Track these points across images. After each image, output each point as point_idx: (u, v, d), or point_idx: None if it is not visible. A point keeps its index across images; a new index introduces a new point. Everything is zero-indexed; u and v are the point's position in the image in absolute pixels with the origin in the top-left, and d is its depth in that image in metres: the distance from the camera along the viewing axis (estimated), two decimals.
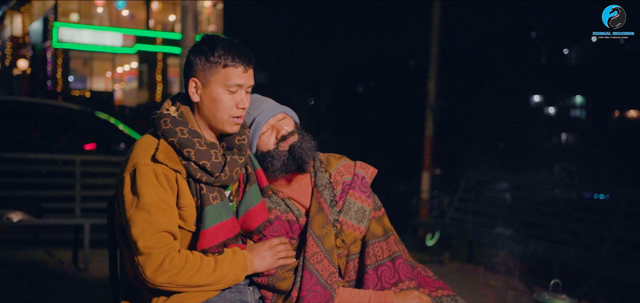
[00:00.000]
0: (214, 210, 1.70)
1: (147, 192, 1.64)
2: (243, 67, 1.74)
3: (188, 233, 1.74)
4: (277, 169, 1.91)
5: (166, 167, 1.67)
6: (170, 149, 1.70)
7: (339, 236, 1.97)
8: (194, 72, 1.74)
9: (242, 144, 1.81)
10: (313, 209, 1.95)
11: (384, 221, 2.07)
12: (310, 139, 1.99)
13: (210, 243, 1.70)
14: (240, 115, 1.78)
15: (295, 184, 2.01)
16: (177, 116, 1.75)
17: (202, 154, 1.69)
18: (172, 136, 1.69)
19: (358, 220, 2.00)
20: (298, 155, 1.90)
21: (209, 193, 1.71)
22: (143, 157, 1.68)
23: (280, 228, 1.93)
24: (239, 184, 1.88)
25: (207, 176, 1.70)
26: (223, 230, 1.72)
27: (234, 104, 1.75)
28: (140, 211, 1.63)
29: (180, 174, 1.70)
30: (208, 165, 1.69)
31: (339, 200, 2.02)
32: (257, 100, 1.99)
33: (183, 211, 1.71)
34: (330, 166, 2.07)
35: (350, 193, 2.02)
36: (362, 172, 2.07)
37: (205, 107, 1.75)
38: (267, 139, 1.94)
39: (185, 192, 1.70)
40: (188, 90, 1.76)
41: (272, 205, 1.95)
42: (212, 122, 1.76)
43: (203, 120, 1.78)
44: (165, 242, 1.64)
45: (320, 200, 1.97)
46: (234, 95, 1.75)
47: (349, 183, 2.04)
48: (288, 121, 1.97)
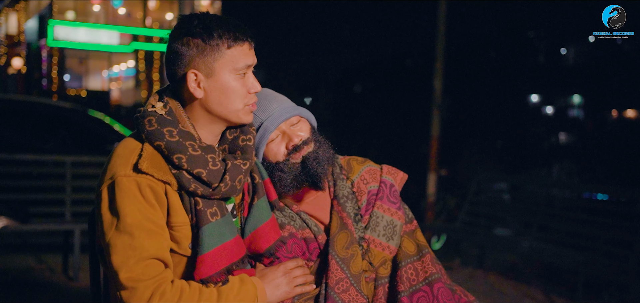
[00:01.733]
0: (213, 229, 1.41)
1: (129, 210, 1.34)
2: (248, 43, 1.46)
3: (182, 258, 1.44)
4: (287, 184, 1.63)
5: (152, 178, 1.37)
6: (157, 156, 1.40)
7: (365, 257, 1.67)
8: (191, 62, 1.42)
9: (247, 145, 1.51)
10: (334, 225, 1.66)
11: (417, 236, 1.77)
12: (329, 147, 1.69)
13: (211, 271, 1.40)
14: (255, 101, 1.51)
15: (310, 197, 1.72)
16: (165, 113, 1.44)
17: (196, 161, 1.39)
18: (158, 139, 1.39)
19: (388, 237, 1.70)
20: (312, 170, 1.61)
21: (207, 209, 1.41)
22: (123, 166, 1.38)
23: (296, 247, 1.64)
24: (243, 195, 1.58)
25: (203, 187, 1.40)
26: (226, 254, 1.42)
27: (247, 90, 1.47)
28: (121, 234, 1.34)
29: (170, 186, 1.40)
30: (204, 174, 1.39)
31: (364, 213, 1.72)
32: (266, 98, 1.68)
33: (175, 232, 1.41)
34: (353, 173, 1.77)
35: (378, 204, 1.72)
36: (390, 178, 1.77)
37: (213, 101, 1.45)
38: (276, 147, 1.65)
39: (177, 208, 1.41)
40: (187, 85, 1.44)
41: (285, 220, 1.66)
42: (227, 116, 1.47)
43: (206, 117, 1.47)
44: (153, 272, 1.34)
45: (343, 214, 1.68)
46: (245, 79, 1.47)
47: (375, 193, 1.74)
48: (303, 126, 1.68)
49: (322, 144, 1.67)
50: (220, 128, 1.51)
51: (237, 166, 1.45)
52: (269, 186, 1.62)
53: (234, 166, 1.44)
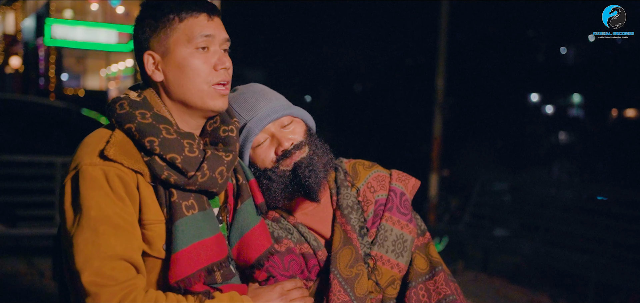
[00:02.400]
0: (189, 224, 1.23)
1: (94, 202, 1.18)
2: (206, 14, 1.31)
3: (156, 262, 1.26)
4: (276, 195, 1.45)
5: (121, 167, 1.21)
6: (128, 142, 1.25)
7: (371, 276, 1.49)
8: (146, 44, 1.31)
9: (230, 137, 1.34)
10: (337, 240, 1.48)
11: (430, 251, 1.59)
12: (326, 152, 1.50)
13: (187, 271, 1.22)
14: (223, 80, 1.32)
15: (309, 207, 1.53)
16: (137, 96, 1.31)
17: (170, 145, 1.23)
18: (129, 121, 1.25)
19: (397, 253, 1.52)
20: (304, 179, 1.42)
21: (182, 201, 1.24)
22: (89, 154, 1.22)
23: (294, 265, 1.46)
24: (227, 197, 1.40)
25: (177, 175, 1.23)
26: (204, 252, 1.25)
27: (211, 66, 1.31)
28: (83, 230, 1.17)
29: (143, 177, 1.24)
30: (178, 160, 1.23)
31: (371, 226, 1.53)
32: (253, 96, 1.50)
33: (148, 231, 1.24)
34: (358, 179, 1.58)
35: (386, 216, 1.53)
36: (400, 186, 1.58)
37: (173, 84, 1.30)
38: (264, 153, 1.47)
39: (150, 203, 1.24)
40: (145, 69, 1.31)
41: (282, 233, 1.48)
42: (190, 101, 1.31)
43: (176, 105, 1.32)
44: (122, 276, 1.17)
45: (347, 228, 1.49)
46: (207, 54, 1.31)
47: (383, 203, 1.55)
48: (296, 127, 1.49)
49: (319, 149, 1.48)
50: (195, 118, 1.35)
51: (218, 157, 1.29)
52: (255, 188, 1.44)
53: (213, 156, 1.28)
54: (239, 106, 1.51)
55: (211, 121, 1.39)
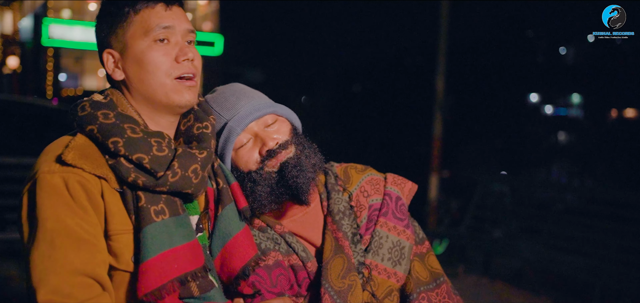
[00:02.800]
0: (158, 230, 1.13)
1: (51, 213, 1.09)
2: (162, 3, 1.23)
3: (124, 276, 1.16)
4: (262, 199, 1.35)
5: (82, 172, 1.12)
6: (90, 146, 1.16)
7: (366, 287, 1.39)
8: (105, 41, 1.24)
9: (204, 134, 1.26)
10: (327, 249, 1.38)
11: (429, 260, 1.49)
12: (315, 152, 1.41)
13: (157, 282, 1.11)
14: (188, 72, 1.24)
15: (297, 213, 1.43)
16: (103, 98, 1.23)
17: (136, 144, 1.14)
18: (90, 122, 1.17)
19: (394, 262, 1.41)
20: (292, 179, 1.33)
21: (151, 205, 1.14)
22: (47, 162, 1.14)
23: (282, 279, 1.36)
24: (208, 203, 1.31)
25: (145, 176, 1.14)
26: (177, 261, 1.14)
27: (172, 59, 1.23)
28: (39, 244, 1.08)
29: (108, 182, 1.15)
30: (146, 160, 1.14)
31: (364, 232, 1.43)
32: (233, 95, 1.42)
33: (114, 242, 1.14)
34: (350, 183, 1.48)
35: (381, 221, 1.44)
36: (396, 190, 1.48)
37: (135, 81, 1.23)
38: (247, 154, 1.37)
39: (116, 211, 1.15)
40: (106, 69, 1.25)
41: (269, 244, 1.38)
42: (154, 97, 1.22)
43: (142, 103, 1.24)
44: (83, 295, 1.06)
45: (338, 235, 1.39)
46: (167, 46, 1.23)
47: (378, 207, 1.46)
48: (281, 127, 1.40)
49: (306, 149, 1.40)
50: (165, 116, 1.26)
51: (190, 154, 1.19)
52: (237, 192, 1.34)
53: (185, 153, 1.19)
54: (218, 105, 1.42)
55: (184, 120, 1.30)
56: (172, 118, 1.28)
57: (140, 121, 1.22)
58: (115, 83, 1.27)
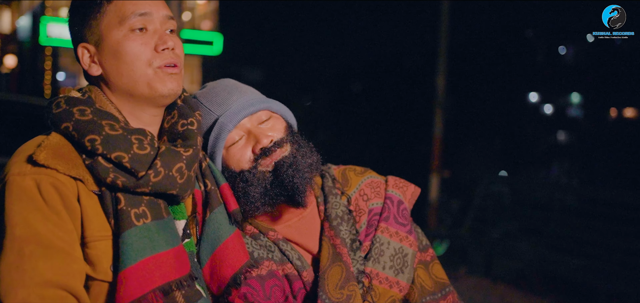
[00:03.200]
0: (139, 235, 1.06)
1: (21, 218, 1.01)
2: None
3: (102, 285, 1.08)
4: (255, 200, 1.27)
5: (56, 174, 1.05)
6: (65, 145, 1.09)
7: (366, 297, 1.31)
8: (79, 35, 1.17)
9: (189, 131, 1.18)
10: (325, 256, 1.30)
11: (434, 269, 1.42)
12: (312, 151, 1.33)
13: (138, 292, 1.04)
14: (170, 61, 1.17)
15: (292, 218, 1.35)
16: (81, 96, 1.16)
17: (115, 142, 1.07)
18: (65, 120, 1.09)
19: (396, 270, 1.34)
20: (288, 179, 1.26)
21: (131, 208, 1.07)
22: (18, 163, 1.07)
23: (276, 291, 1.28)
24: (195, 207, 1.23)
25: (125, 177, 1.07)
26: (160, 268, 1.06)
27: (151, 48, 1.15)
28: (7, 253, 1.00)
29: (84, 184, 1.07)
30: (126, 158, 1.06)
31: (364, 238, 1.36)
32: (224, 90, 1.35)
33: (91, 250, 1.07)
34: (349, 186, 1.41)
35: (382, 227, 1.36)
36: (397, 194, 1.41)
37: (113, 74, 1.16)
38: (239, 152, 1.30)
39: (93, 215, 1.07)
40: (82, 65, 1.18)
41: (262, 253, 1.30)
42: (136, 89, 1.15)
43: (123, 98, 1.17)
44: None
45: (336, 241, 1.32)
46: (145, 35, 1.16)
47: (378, 212, 1.38)
48: (275, 123, 1.33)
49: (302, 148, 1.32)
50: (147, 110, 1.19)
51: (175, 152, 1.12)
52: (227, 193, 1.27)
53: (169, 151, 1.11)
54: (208, 100, 1.35)
55: (168, 117, 1.23)
56: (155, 111, 1.20)
57: (121, 118, 1.15)
58: (93, 79, 1.20)
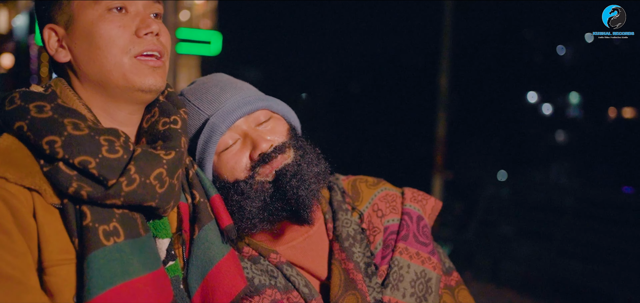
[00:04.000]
0: (109, 257, 0.88)
1: None
2: None
3: None
4: (251, 216, 1.10)
5: (5, 183, 0.88)
6: (19, 148, 0.92)
7: None
8: (46, 16, 1.00)
9: (172, 131, 1.01)
10: (335, 284, 1.13)
11: (461, 296, 1.25)
12: (319, 159, 1.15)
13: None
14: (152, 49, 1.00)
15: (296, 237, 1.18)
16: (43, 91, 0.99)
17: (79, 144, 0.89)
18: (19, 118, 0.92)
19: (419, 298, 1.16)
20: (291, 192, 1.08)
21: (99, 224, 0.90)
22: None
23: None
24: (181, 223, 1.06)
25: (92, 185, 0.90)
26: (135, 297, 0.89)
27: (131, 32, 0.99)
28: None
29: (42, 196, 0.90)
30: (92, 163, 0.89)
31: (380, 261, 1.19)
32: (216, 86, 1.17)
33: (50, 276, 0.89)
34: (361, 200, 1.25)
35: (400, 247, 1.19)
36: (416, 208, 1.24)
37: (84, 61, 0.99)
38: (233, 158, 1.12)
39: (53, 234, 0.90)
40: (48, 49, 1.01)
41: (264, 279, 1.13)
42: (109, 80, 0.98)
43: (93, 92, 1.00)
44: None
45: (348, 265, 1.15)
46: (125, 16, 0.99)
47: (395, 230, 1.21)
48: (276, 125, 1.16)
49: (308, 154, 1.14)
50: (123, 107, 1.02)
51: (153, 156, 0.94)
52: (219, 207, 1.09)
53: (145, 154, 0.93)
54: (197, 98, 1.17)
55: (148, 116, 1.05)
56: (132, 108, 1.03)
57: (89, 116, 0.98)
58: (61, 69, 1.03)
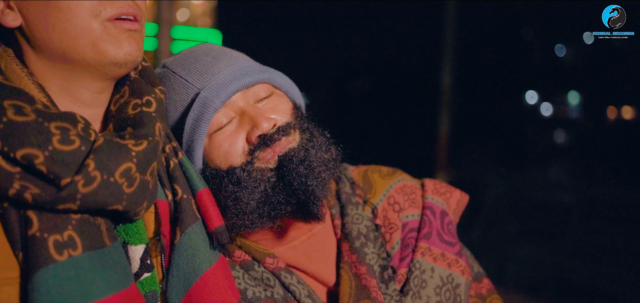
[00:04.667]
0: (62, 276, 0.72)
1: None
2: None
3: None
4: (250, 211, 0.92)
5: None
6: None
7: None
8: None
9: (144, 113, 0.84)
10: (345, 292, 0.96)
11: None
12: (327, 144, 0.98)
13: None
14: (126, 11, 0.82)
15: (297, 236, 1.01)
16: None
17: (21, 133, 0.73)
18: None
19: None
20: (298, 181, 0.91)
21: (49, 234, 0.73)
22: None
23: None
24: (159, 225, 0.88)
25: (39, 186, 0.73)
26: None
27: None
28: None
29: None
30: (39, 158, 0.72)
31: (398, 264, 1.01)
32: (207, 54, 1.00)
33: None
34: (373, 192, 1.08)
35: (422, 247, 1.01)
36: (439, 201, 1.07)
37: (39, 28, 0.80)
38: (227, 140, 0.95)
39: None
40: None
41: (258, 291, 0.96)
42: (73, 51, 0.81)
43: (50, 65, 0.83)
44: None
45: (360, 270, 0.97)
46: None
47: (416, 227, 1.04)
48: (279, 102, 0.99)
49: (315, 136, 0.98)
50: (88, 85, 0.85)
51: (119, 146, 0.77)
52: (207, 204, 0.91)
53: (108, 145, 0.77)
54: (184, 69, 0.99)
55: (117, 96, 0.88)
56: (100, 85, 0.85)
57: (40, 97, 0.80)
58: (8, 37, 0.85)
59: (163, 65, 1.04)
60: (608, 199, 5.18)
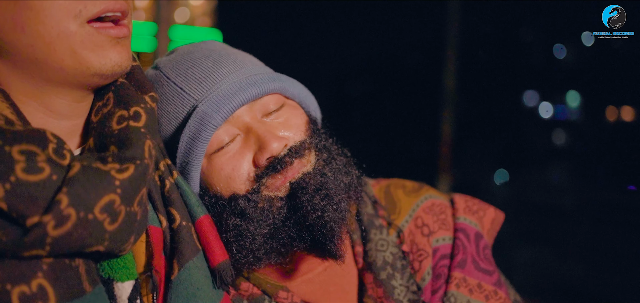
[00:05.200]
0: None
1: None
2: None
3: None
4: (257, 247, 0.80)
5: None
6: None
7: None
8: None
9: (130, 129, 0.71)
10: None
11: None
12: (348, 164, 0.86)
13: None
14: (112, 8, 0.68)
15: (313, 268, 0.89)
16: None
17: None
18: None
19: None
20: (315, 214, 0.79)
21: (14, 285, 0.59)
22: None
23: None
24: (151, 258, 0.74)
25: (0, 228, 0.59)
26: None
27: None
28: None
29: None
30: None
31: (430, 297, 0.90)
32: (207, 57, 0.87)
33: None
34: (397, 212, 0.96)
35: (456, 278, 0.91)
36: (473, 222, 0.97)
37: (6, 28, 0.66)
38: (229, 163, 0.82)
39: None
40: None
41: None
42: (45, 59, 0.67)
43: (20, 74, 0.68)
44: None
45: None
46: None
47: (448, 253, 0.93)
48: (291, 116, 0.87)
49: (333, 157, 0.85)
50: (64, 96, 0.71)
51: (99, 174, 0.64)
52: (208, 233, 0.78)
53: (86, 174, 0.62)
54: (180, 74, 0.85)
55: (99, 103, 0.75)
56: (78, 94, 0.72)
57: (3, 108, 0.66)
58: None
59: (156, 66, 0.89)
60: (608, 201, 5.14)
